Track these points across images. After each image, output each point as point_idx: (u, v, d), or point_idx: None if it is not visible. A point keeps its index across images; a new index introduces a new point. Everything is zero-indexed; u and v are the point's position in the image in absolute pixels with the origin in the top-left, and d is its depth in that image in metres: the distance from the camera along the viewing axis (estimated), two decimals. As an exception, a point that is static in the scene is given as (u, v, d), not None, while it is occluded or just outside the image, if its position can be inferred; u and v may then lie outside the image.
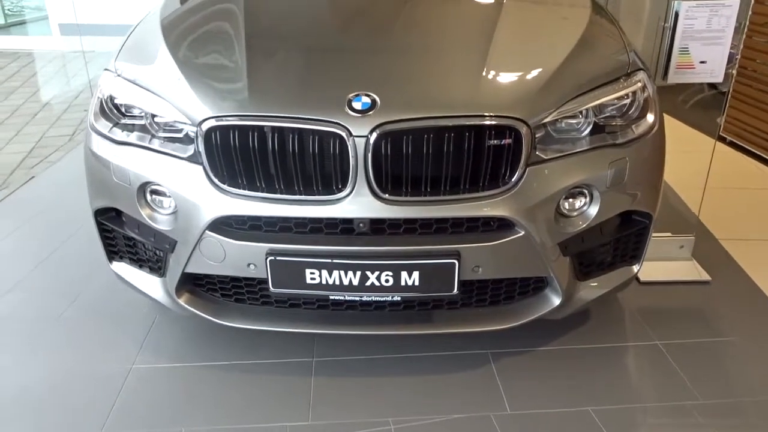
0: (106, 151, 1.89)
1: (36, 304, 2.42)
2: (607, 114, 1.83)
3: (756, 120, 3.81)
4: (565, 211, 1.79)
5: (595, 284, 1.96)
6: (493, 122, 1.65)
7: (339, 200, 1.68)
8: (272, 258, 1.72)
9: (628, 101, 1.85)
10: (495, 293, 1.90)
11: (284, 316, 1.93)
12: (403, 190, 1.68)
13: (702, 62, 2.36)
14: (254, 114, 1.67)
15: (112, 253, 2.08)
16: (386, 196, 1.67)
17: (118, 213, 1.98)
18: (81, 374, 2.05)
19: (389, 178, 1.67)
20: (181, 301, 1.94)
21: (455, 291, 1.76)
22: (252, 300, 1.94)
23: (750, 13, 3.58)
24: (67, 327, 2.28)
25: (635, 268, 2.02)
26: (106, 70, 2.01)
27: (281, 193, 1.70)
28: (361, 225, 1.71)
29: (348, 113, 1.64)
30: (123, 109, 1.92)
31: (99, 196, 1.97)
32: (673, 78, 2.38)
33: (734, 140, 3.99)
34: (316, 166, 1.67)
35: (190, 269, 1.84)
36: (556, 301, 1.88)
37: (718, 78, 2.42)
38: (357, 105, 1.65)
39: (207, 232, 1.75)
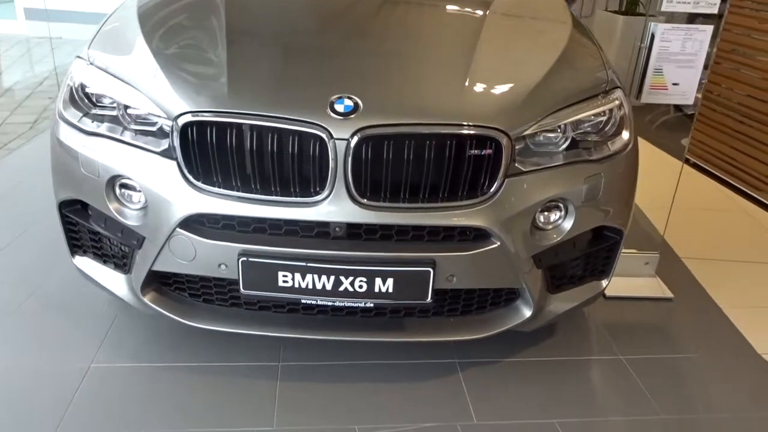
0: (74, 142, 1.82)
1: (-10, 296, 2.32)
2: (584, 130, 1.85)
3: (719, 143, 3.93)
4: (541, 224, 1.80)
5: (566, 297, 1.97)
6: (475, 132, 1.65)
7: (316, 203, 1.65)
8: (244, 259, 1.69)
9: (605, 118, 1.88)
10: (467, 303, 1.90)
11: (253, 318, 1.89)
12: (382, 195, 1.66)
13: (675, 84, 2.42)
14: (233, 111, 1.64)
15: (76, 248, 2.01)
16: (364, 200, 1.65)
17: (84, 206, 1.91)
18: (37, 371, 1.96)
19: (368, 182, 1.65)
20: (147, 300, 1.88)
21: (429, 299, 1.75)
22: (221, 301, 1.90)
23: (718, 39, 3.70)
24: (24, 321, 2.19)
25: (604, 282, 2.05)
26: (78, 57, 1.94)
27: (257, 193, 1.67)
28: (337, 229, 1.69)
29: (329, 115, 1.62)
30: (94, 99, 1.86)
31: (64, 187, 1.89)
32: (647, 98, 2.43)
33: (698, 162, 4.10)
34: (295, 167, 1.65)
35: (157, 267, 1.79)
36: (528, 312, 1.89)
37: (689, 100, 2.48)
38: (339, 107, 1.63)
39: (178, 229, 1.70)
